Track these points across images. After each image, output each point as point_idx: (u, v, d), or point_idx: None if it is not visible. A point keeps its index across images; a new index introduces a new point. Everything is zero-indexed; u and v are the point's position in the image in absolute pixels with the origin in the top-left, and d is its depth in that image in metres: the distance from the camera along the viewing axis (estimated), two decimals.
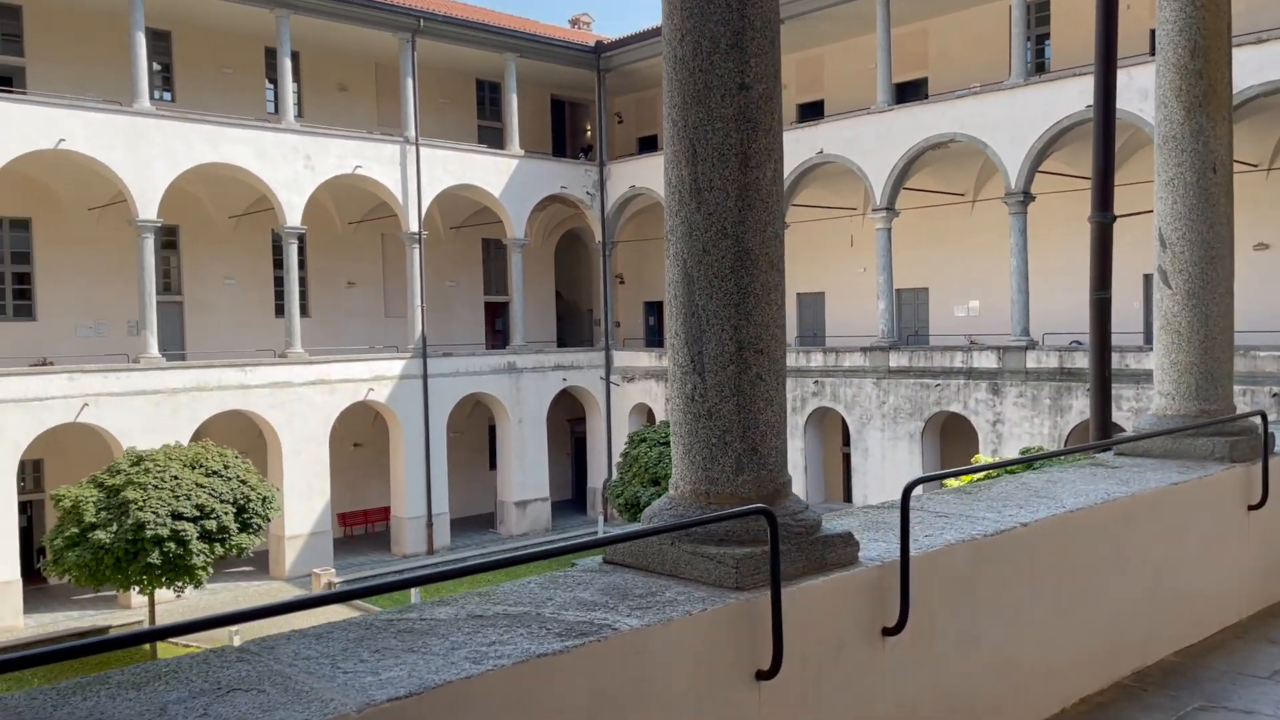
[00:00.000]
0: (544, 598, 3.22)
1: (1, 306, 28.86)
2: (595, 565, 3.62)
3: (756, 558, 3.26)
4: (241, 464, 22.33)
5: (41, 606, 26.20)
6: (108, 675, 2.56)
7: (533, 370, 35.34)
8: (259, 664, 2.62)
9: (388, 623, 2.94)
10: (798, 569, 3.37)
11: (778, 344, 3.53)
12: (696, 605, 3.08)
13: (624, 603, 3.12)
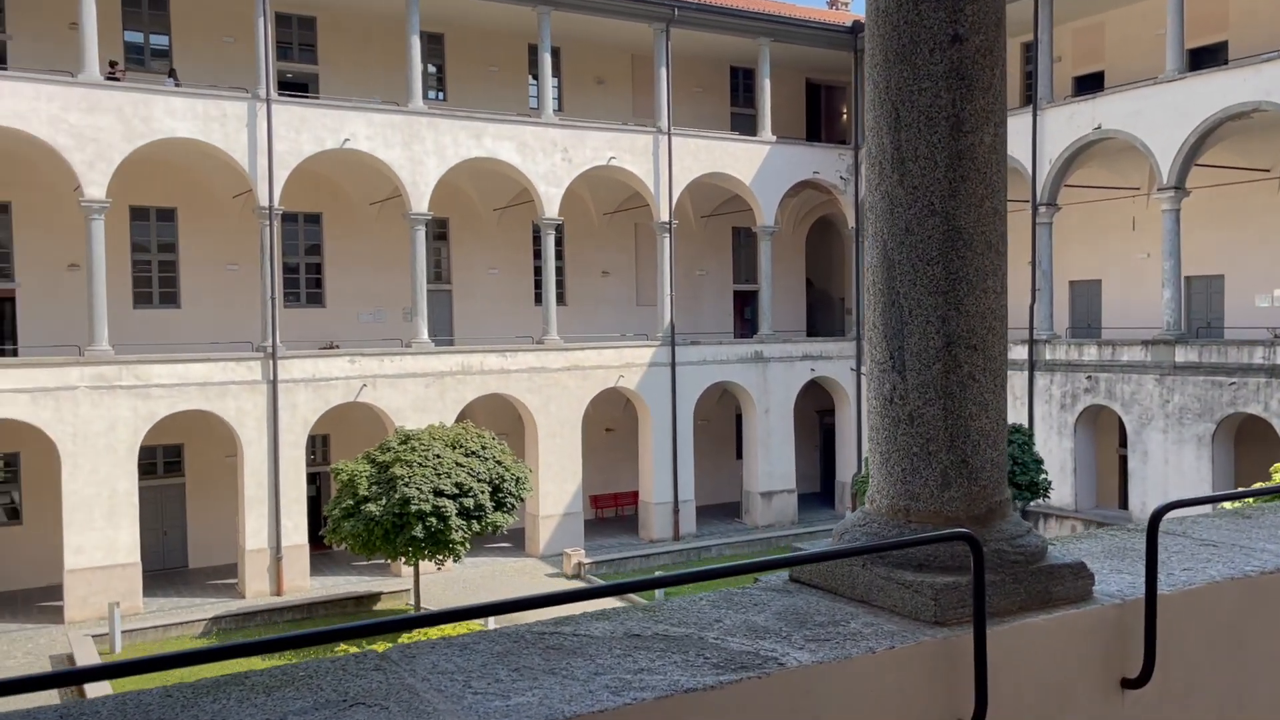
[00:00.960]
0: (711, 618, 2.89)
1: (297, 294, 31.71)
2: (779, 583, 3.26)
3: (961, 588, 2.80)
4: (497, 445, 23.38)
5: (326, 570, 28.65)
6: (246, 676, 2.50)
7: (780, 360, 34.88)
8: (393, 675, 2.47)
9: (538, 636, 2.73)
10: (1013, 603, 2.87)
11: (996, 338, 3.02)
12: (883, 641, 2.66)
13: (800, 631, 2.75)
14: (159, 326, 29.08)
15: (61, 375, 24.49)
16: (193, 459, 29.67)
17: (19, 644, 23.01)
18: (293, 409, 26.98)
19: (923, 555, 2.90)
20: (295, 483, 27.08)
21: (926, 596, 2.80)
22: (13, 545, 27.41)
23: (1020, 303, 31.98)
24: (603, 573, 28.23)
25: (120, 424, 24.98)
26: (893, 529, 3.04)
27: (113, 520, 24.83)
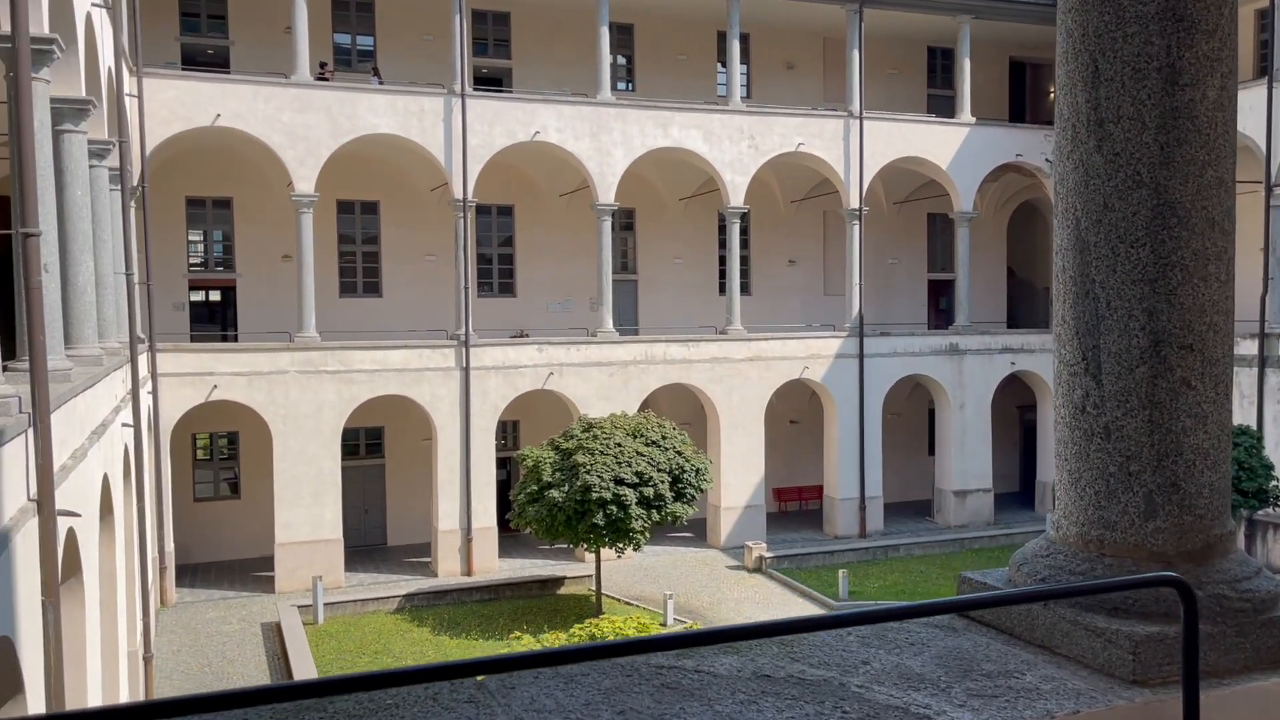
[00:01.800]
0: (858, 659, 2.50)
1: (490, 284, 32.64)
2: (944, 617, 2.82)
3: (1168, 641, 2.30)
4: (678, 436, 23.25)
5: (514, 552, 29.39)
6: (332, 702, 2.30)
7: (977, 352, 33.21)
8: (486, 708, 2.21)
9: (655, 671, 2.41)
10: (1235, 662, 2.34)
11: (1218, 336, 2.48)
12: (1066, 702, 2.20)
13: (963, 683, 2.32)
14: (362, 314, 30.56)
15: (274, 360, 26.10)
16: (392, 441, 31.08)
17: (235, 610, 24.71)
18: (483, 395, 27.78)
19: (1119, 597, 2.41)
20: (485, 467, 27.89)
21: (1123, 649, 2.31)
22: (233, 518, 29.49)
23: (1249, 293, 29.19)
24: (784, 567, 27.68)
25: (326, 406, 26.40)
26: (1081, 562, 2.55)
27: (318, 498, 26.28)
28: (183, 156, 27.86)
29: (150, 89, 24.56)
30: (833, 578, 26.02)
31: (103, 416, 14.12)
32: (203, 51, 29.62)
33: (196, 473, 29.73)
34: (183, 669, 20.74)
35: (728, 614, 24.08)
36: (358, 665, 20.75)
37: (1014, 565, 2.75)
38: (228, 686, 19.54)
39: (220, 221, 30.11)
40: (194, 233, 30.10)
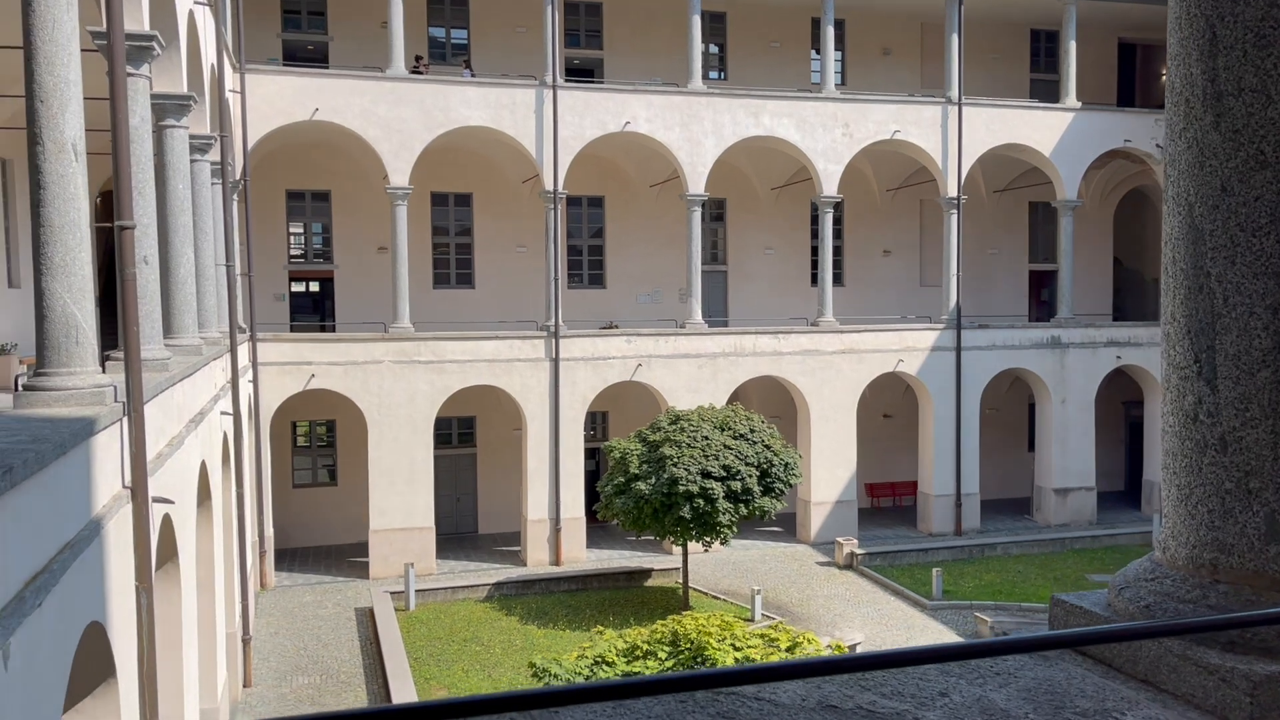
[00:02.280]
0: (936, 690, 2.27)
1: (580, 275, 32.73)
2: None
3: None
4: (767, 429, 22.94)
5: (602, 543, 29.46)
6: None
7: (1080, 346, 32.03)
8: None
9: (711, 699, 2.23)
10: None
11: None
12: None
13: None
14: (454, 305, 30.94)
15: (369, 350, 26.59)
16: (483, 431, 31.43)
17: (330, 595, 25.29)
18: (572, 386, 27.86)
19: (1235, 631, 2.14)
20: (574, 457, 27.98)
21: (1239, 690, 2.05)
22: (330, 504, 30.21)
23: None
24: (876, 564, 27.13)
25: (418, 396, 26.80)
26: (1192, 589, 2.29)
27: (411, 486, 26.71)
28: (283, 150, 28.56)
29: (251, 84, 25.20)
30: (926, 576, 25.40)
31: (201, 405, 14.51)
32: (303, 47, 30.30)
33: (295, 459, 30.52)
34: (279, 651, 21.29)
35: (817, 610, 23.71)
36: (447, 652, 21.03)
37: (1114, 589, 2.49)
38: (321, 669, 20.00)
39: (319, 214, 30.80)
40: (294, 225, 30.85)
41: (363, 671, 20.14)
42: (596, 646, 10.96)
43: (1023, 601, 23.95)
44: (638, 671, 10.52)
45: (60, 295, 8.04)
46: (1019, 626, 21.98)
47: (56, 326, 8.04)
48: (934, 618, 23.27)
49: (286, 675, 19.97)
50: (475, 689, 19.04)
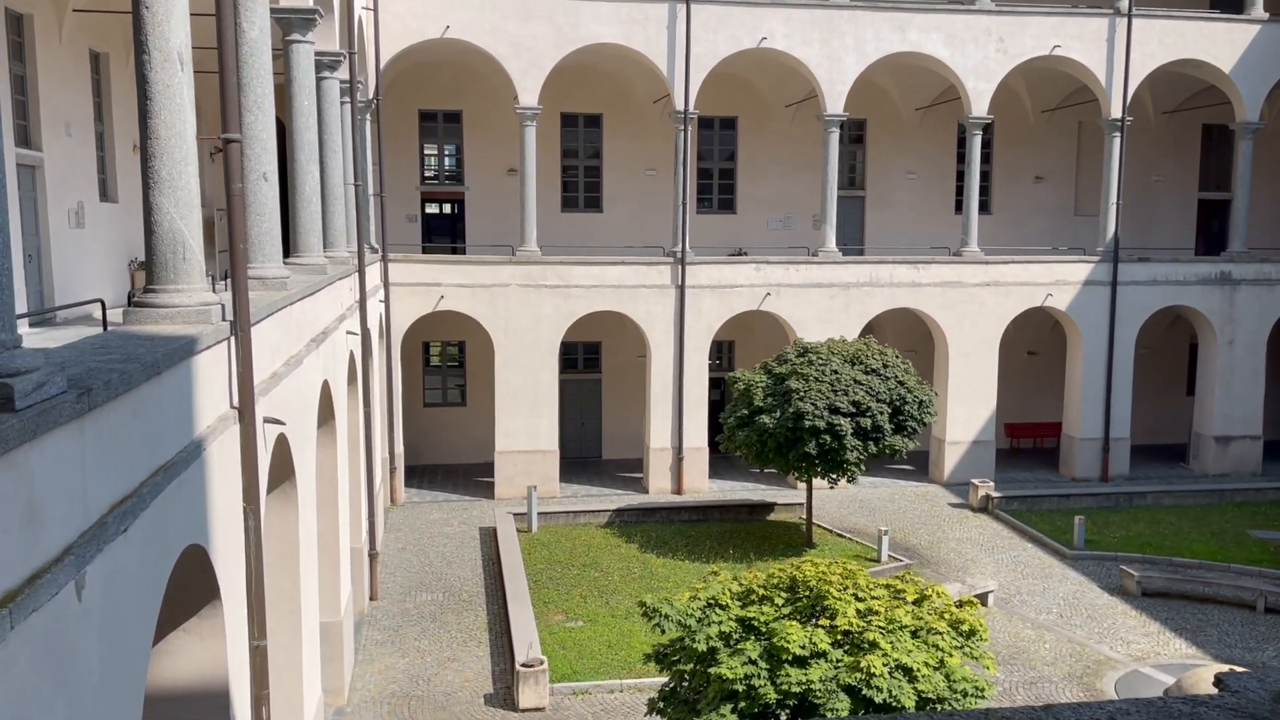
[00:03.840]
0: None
1: (709, 199, 31.82)
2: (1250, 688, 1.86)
3: None
4: (901, 364, 21.83)
5: (725, 474, 29.01)
6: None
7: (1254, 282, 29.47)
8: None
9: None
10: None
11: None
12: None
13: None
14: (582, 230, 30.55)
15: (496, 273, 26.50)
16: (609, 357, 31.19)
17: (456, 513, 25.68)
18: (698, 314, 27.22)
19: None
20: (697, 387, 27.46)
21: None
22: (459, 424, 30.63)
23: None
24: (1013, 509, 25.85)
25: (544, 320, 26.64)
26: None
27: (536, 409, 26.73)
28: (416, 70, 28.41)
29: (384, 1, 24.96)
30: (1067, 524, 24.04)
31: (325, 324, 14.48)
32: None
33: (426, 379, 30.98)
34: (406, 566, 21.71)
35: (947, 554, 22.75)
36: (566, 576, 21.05)
37: None
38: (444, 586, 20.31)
39: (450, 135, 30.69)
40: (427, 146, 30.86)
41: (484, 591, 20.35)
42: (710, 588, 10.49)
43: (1174, 556, 22.40)
44: (752, 617, 10.01)
45: (168, 210, 7.82)
46: (1168, 583, 20.55)
47: (164, 242, 7.84)
48: (1074, 568, 22.01)
49: (411, 591, 20.34)
50: (593, 616, 18.98)
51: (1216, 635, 18.61)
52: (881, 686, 9.20)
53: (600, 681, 16.17)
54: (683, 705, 10.36)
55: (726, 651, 9.76)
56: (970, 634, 10.19)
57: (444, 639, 18.02)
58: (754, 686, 9.41)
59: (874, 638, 9.53)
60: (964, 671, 9.79)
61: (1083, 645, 18.10)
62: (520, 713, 15.26)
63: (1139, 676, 16.90)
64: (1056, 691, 16.32)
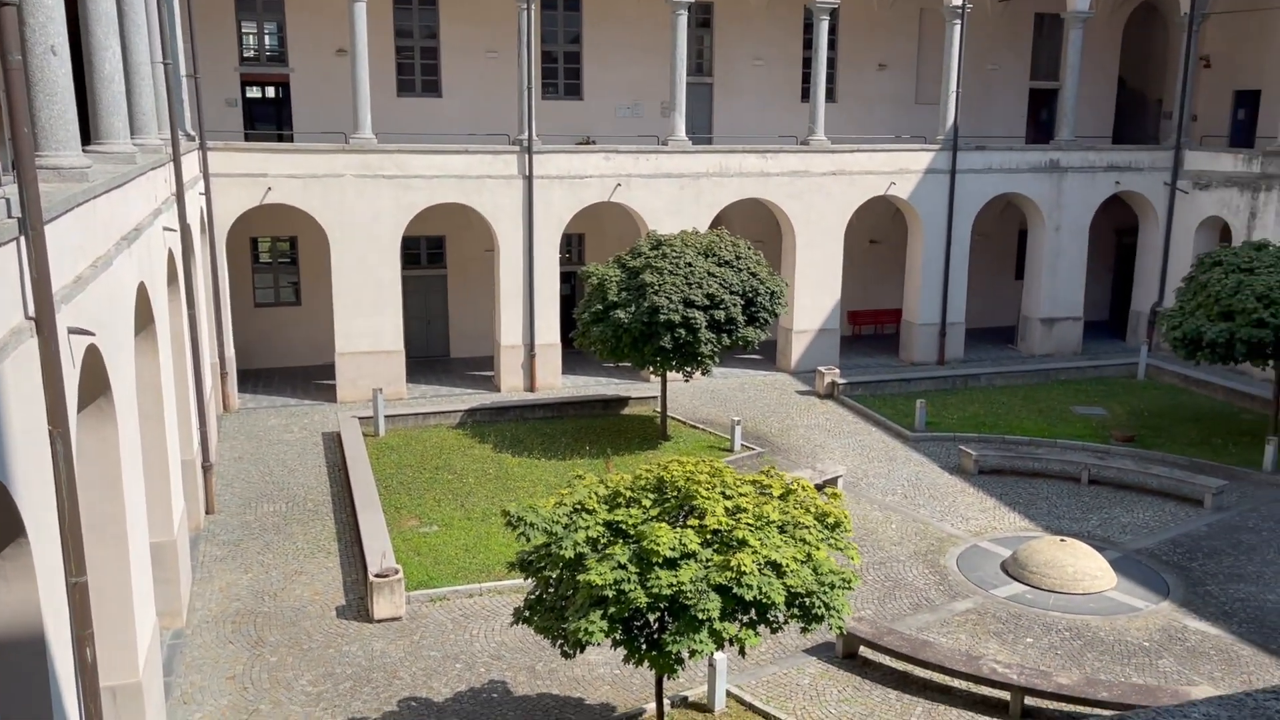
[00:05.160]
0: None
1: (555, 86, 30.59)
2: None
3: None
4: (753, 256, 21.70)
5: (578, 369, 28.64)
6: None
7: (1079, 170, 30.64)
8: None
9: None
10: None
11: None
12: None
13: None
14: (421, 116, 28.92)
15: (329, 162, 24.80)
16: (454, 251, 30.01)
17: (296, 419, 24.47)
18: (547, 205, 26.34)
19: None
20: (549, 281, 26.76)
21: None
22: (295, 325, 29.03)
23: None
24: (858, 394, 26.54)
25: (383, 213, 25.23)
26: None
27: (378, 307, 25.52)
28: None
29: None
30: (909, 407, 24.88)
31: (137, 220, 13.05)
32: None
33: (256, 278, 29.11)
34: (244, 476, 20.57)
35: (797, 441, 23.19)
36: (418, 481, 20.40)
37: None
38: (287, 496, 19.35)
39: (271, 10, 28.22)
40: (245, 22, 28.32)
41: (331, 499, 19.51)
42: (575, 493, 10.10)
43: (1006, 434, 23.51)
44: (619, 521, 9.70)
45: None
46: (1002, 460, 21.56)
47: None
48: (916, 450, 22.83)
49: (251, 502, 19.30)
50: (448, 520, 18.47)
51: (1046, 508, 19.68)
52: (752, 584, 9.09)
53: (459, 587, 15.77)
54: (550, 613, 10.05)
55: (595, 557, 9.44)
56: (835, 526, 10.20)
57: (289, 551, 17.20)
58: (624, 591, 9.15)
59: (743, 535, 9.38)
60: (830, 564, 9.80)
61: (926, 524, 18.82)
62: (375, 623, 14.75)
63: (978, 551, 17.70)
64: (904, 570, 16.92)
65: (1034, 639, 14.64)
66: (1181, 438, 23.40)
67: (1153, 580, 16.58)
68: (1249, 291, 20.81)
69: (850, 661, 13.95)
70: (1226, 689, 13.24)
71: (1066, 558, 16.30)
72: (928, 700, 13.02)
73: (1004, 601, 15.79)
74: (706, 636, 9.12)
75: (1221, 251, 22.93)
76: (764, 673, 13.59)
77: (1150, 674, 13.71)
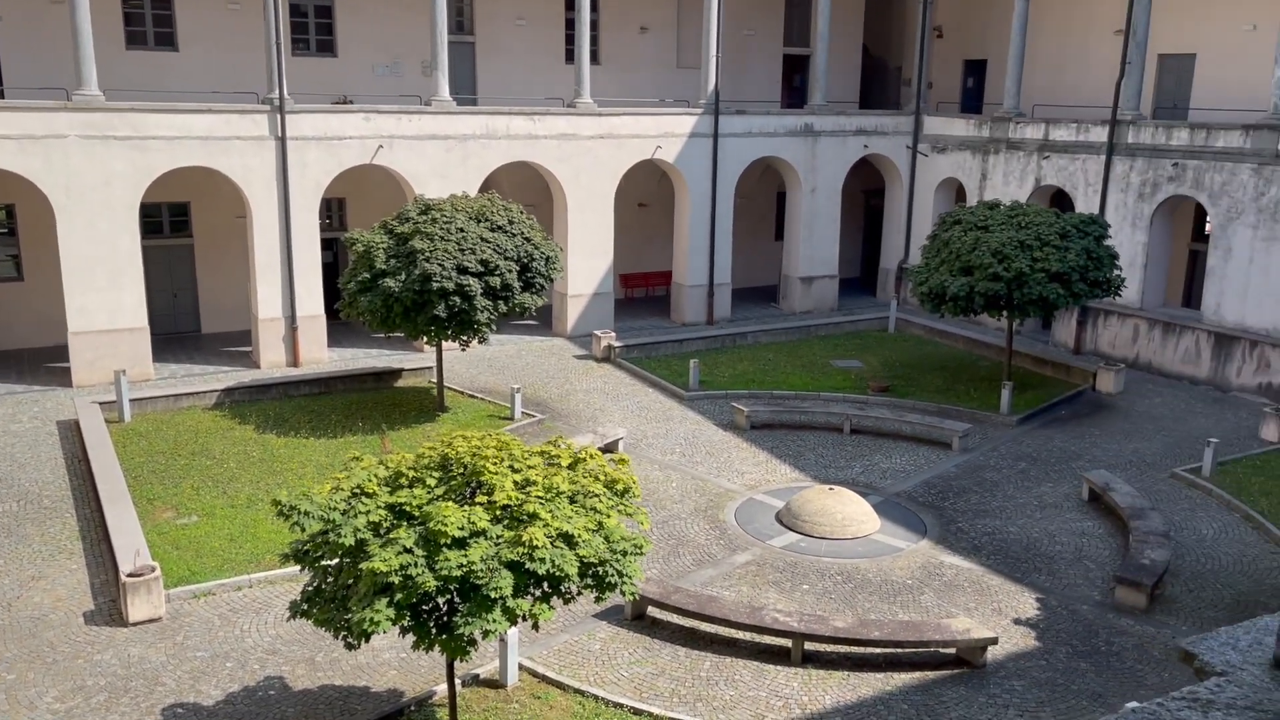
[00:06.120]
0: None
1: (306, 41, 28.84)
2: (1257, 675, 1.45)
3: None
4: (526, 220, 21.31)
5: (345, 341, 27.39)
6: None
7: (831, 134, 32.09)
8: None
9: None
10: None
11: None
12: None
13: None
14: (155, 71, 26.53)
15: (49, 122, 22.27)
16: (200, 219, 27.85)
17: (25, 407, 22.07)
18: (303, 168, 24.85)
19: None
20: (309, 249, 25.33)
21: None
22: (17, 303, 26.15)
23: (1105, 77, 28.87)
24: (634, 356, 26.85)
25: (116, 178, 22.98)
26: None
27: (115, 281, 23.31)
28: None
29: None
30: (683, 367, 25.39)
31: None
32: None
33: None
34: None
35: (577, 405, 23.17)
36: (173, 468, 18.85)
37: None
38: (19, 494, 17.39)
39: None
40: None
41: (71, 494, 17.71)
42: (353, 476, 9.53)
43: (774, 389, 24.43)
44: (403, 503, 9.23)
45: None
46: (772, 414, 22.39)
47: None
48: (691, 408, 23.34)
49: None
50: (208, 509, 17.17)
51: (814, 459, 20.61)
52: (545, 558, 8.88)
53: (225, 580, 14.69)
54: (330, 604, 9.46)
55: (378, 542, 8.93)
56: (624, 492, 10.14)
57: (25, 555, 15.48)
58: (411, 576, 8.71)
59: (534, 509, 9.14)
60: (621, 530, 9.73)
61: (704, 480, 19.28)
62: (131, 627, 13.51)
63: (754, 504, 18.31)
64: (686, 527, 17.25)
65: (810, 585, 15.29)
66: (929, 386, 25.13)
67: (912, 521, 17.72)
68: (985, 248, 22.48)
69: (639, 623, 14.08)
70: (980, 618, 14.34)
71: (835, 505, 17.13)
72: (715, 654, 13.33)
73: (780, 551, 16.40)
74: (500, 615, 8.84)
75: (960, 211, 24.63)
76: (555, 642, 13.49)
77: (914, 610, 14.64)
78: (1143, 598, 14.64)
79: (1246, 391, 24.60)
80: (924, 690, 12.62)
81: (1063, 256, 22.01)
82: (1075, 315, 28.09)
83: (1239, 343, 24.78)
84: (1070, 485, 19.28)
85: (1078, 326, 28.31)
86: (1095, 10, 30.62)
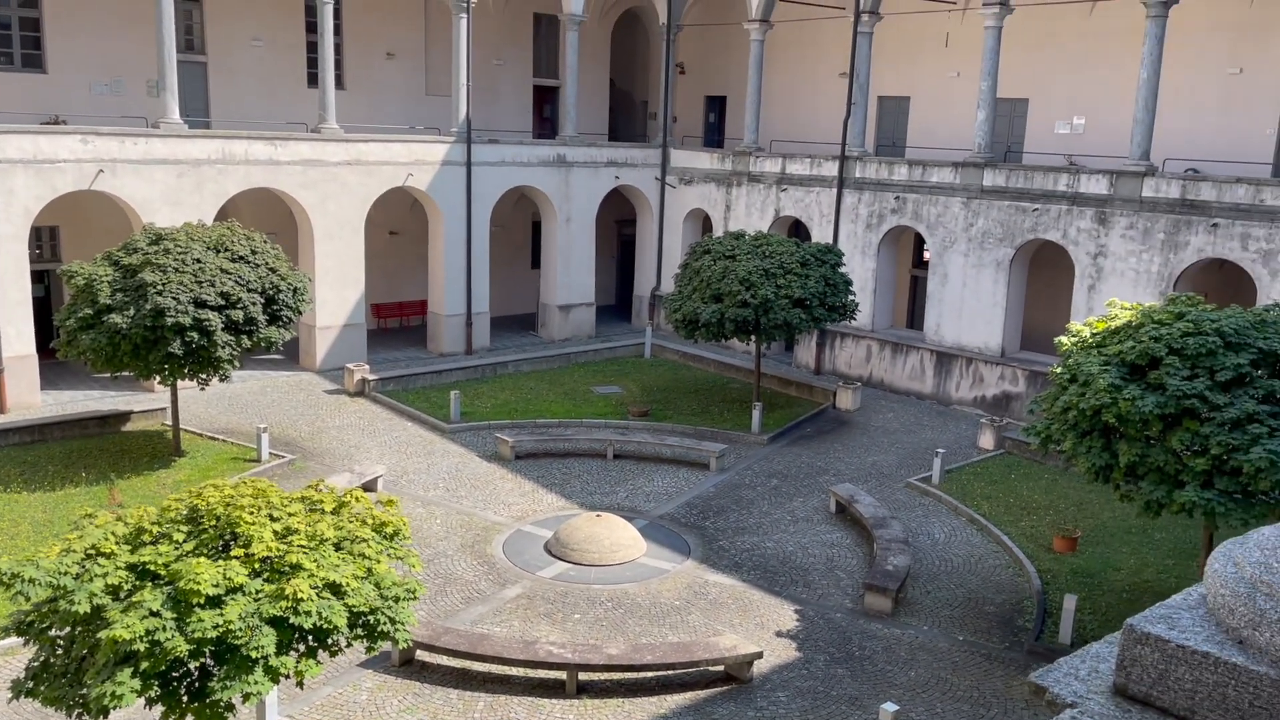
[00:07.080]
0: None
1: (9, 55, 26.18)
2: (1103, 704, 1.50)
3: None
4: (271, 250, 20.17)
5: (60, 383, 24.90)
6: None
7: (584, 165, 32.59)
8: None
9: None
10: None
11: None
12: None
13: None
14: None
15: None
16: None
17: None
18: (9, 195, 22.43)
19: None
20: (17, 283, 22.83)
21: None
22: None
23: (834, 115, 30.98)
24: (390, 389, 26.00)
25: None
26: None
27: None
28: None
29: None
30: (443, 399, 24.85)
31: None
32: None
33: None
34: None
35: (330, 443, 22.13)
36: None
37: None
38: None
39: None
40: None
41: None
42: (87, 535, 8.59)
43: (538, 418, 24.36)
44: (147, 562, 8.43)
45: None
46: (537, 443, 22.31)
47: None
48: (454, 441, 22.86)
49: None
50: None
51: (580, 486, 20.69)
52: (310, 611, 8.35)
53: None
54: (62, 679, 8.46)
55: (118, 607, 8.08)
56: (394, 535, 9.73)
57: None
58: (158, 642, 7.94)
59: (297, 559, 8.58)
60: (393, 576, 9.32)
61: (470, 515, 18.89)
62: None
63: (522, 535, 18.12)
64: (453, 564, 16.81)
65: (581, 614, 15.27)
66: (686, 409, 25.88)
67: (676, 542, 18.11)
68: (734, 277, 23.47)
69: (408, 668, 13.55)
70: (745, 633, 14.82)
71: (602, 531, 17.23)
72: (488, 693, 13.03)
73: (550, 582, 16.30)
74: (262, 675, 8.22)
75: (709, 241, 25.61)
76: (318, 696, 12.73)
77: (684, 630, 14.93)
78: (888, 602, 15.64)
79: (965, 404, 26.98)
80: (696, 710, 12.86)
81: (804, 283, 23.35)
82: (815, 338, 29.85)
83: (957, 360, 27.17)
84: (819, 499, 20.37)
85: (817, 349, 30.10)
86: (824, 53, 32.88)
